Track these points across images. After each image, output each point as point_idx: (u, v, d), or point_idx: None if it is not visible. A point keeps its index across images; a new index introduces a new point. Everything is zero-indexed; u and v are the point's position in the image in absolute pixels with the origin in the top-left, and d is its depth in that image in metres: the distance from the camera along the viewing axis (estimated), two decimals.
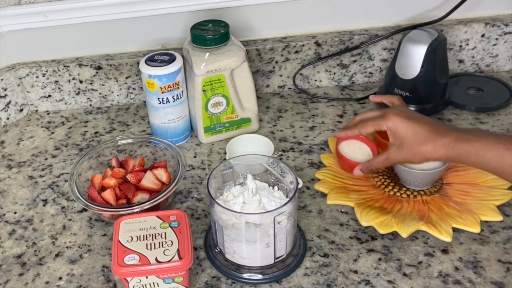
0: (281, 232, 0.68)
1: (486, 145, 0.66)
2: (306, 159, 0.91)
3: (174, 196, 0.85)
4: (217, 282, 0.71)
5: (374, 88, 1.08)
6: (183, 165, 0.81)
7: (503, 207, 0.78)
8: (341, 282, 0.70)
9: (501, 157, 0.65)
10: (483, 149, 0.66)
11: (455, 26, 1.05)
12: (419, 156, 0.71)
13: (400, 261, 0.72)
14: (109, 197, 0.79)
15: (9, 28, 1.01)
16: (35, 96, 1.07)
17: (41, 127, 1.04)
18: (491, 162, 0.66)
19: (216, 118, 0.94)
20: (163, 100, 0.91)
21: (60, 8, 0.99)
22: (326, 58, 1.06)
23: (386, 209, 0.78)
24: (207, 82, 0.90)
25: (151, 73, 0.89)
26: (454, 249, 0.73)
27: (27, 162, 0.95)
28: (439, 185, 0.82)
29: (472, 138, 0.67)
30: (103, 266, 0.75)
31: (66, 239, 0.79)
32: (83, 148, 0.98)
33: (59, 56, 1.06)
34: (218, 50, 0.89)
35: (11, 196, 0.88)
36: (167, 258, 0.63)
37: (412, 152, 0.71)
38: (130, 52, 1.06)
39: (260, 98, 1.07)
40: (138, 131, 1.02)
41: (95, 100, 1.08)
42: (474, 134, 0.68)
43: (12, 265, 0.76)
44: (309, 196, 0.83)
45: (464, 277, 0.69)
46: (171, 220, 0.68)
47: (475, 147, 0.66)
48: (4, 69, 1.04)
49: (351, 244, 0.75)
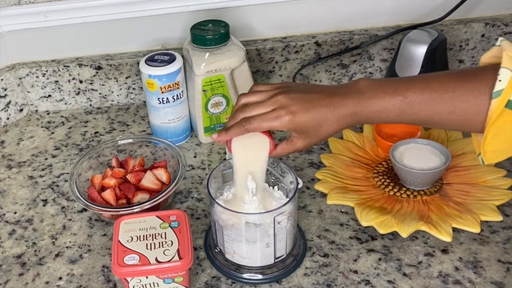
0: (281, 232, 0.68)
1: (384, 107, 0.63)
2: (306, 159, 0.91)
3: (174, 196, 0.85)
4: (217, 282, 0.71)
5: None
6: (183, 165, 0.81)
7: (503, 207, 0.78)
8: (341, 282, 0.70)
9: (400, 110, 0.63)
10: (383, 108, 0.63)
11: (455, 26, 1.05)
12: (322, 136, 0.66)
13: (400, 261, 0.72)
14: (109, 197, 0.79)
15: (9, 28, 1.01)
16: (35, 96, 1.07)
17: (41, 127, 1.04)
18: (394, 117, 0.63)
19: (216, 118, 0.94)
20: (163, 100, 0.91)
21: (60, 8, 0.99)
22: (326, 58, 1.06)
23: (386, 209, 0.78)
24: (207, 82, 0.90)
25: (151, 73, 0.89)
26: (454, 249, 0.73)
27: (27, 162, 0.95)
28: (439, 185, 0.82)
29: (370, 100, 0.63)
30: (103, 266, 0.75)
31: (66, 239, 0.79)
32: (83, 148, 0.98)
33: (59, 56, 1.06)
34: (218, 50, 0.89)
35: (11, 196, 0.88)
36: (167, 258, 0.63)
37: (315, 136, 0.66)
38: (130, 52, 1.06)
39: None
40: (138, 131, 1.02)
41: (95, 100, 1.08)
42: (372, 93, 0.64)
43: (12, 265, 0.76)
44: (309, 196, 0.83)
45: (464, 277, 0.69)
46: (171, 220, 0.68)
47: (372, 109, 0.63)
48: (4, 69, 1.04)
49: (351, 244, 0.75)
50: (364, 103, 0.64)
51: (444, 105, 0.62)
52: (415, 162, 0.80)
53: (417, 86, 0.63)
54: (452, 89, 0.62)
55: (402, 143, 0.83)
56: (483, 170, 0.83)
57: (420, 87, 0.63)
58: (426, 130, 0.93)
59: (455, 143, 0.90)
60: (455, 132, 0.92)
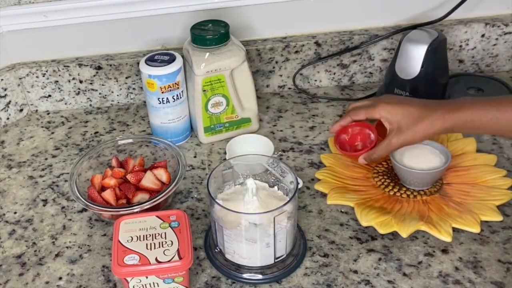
0: (281, 232, 0.68)
1: (479, 111, 0.70)
2: (306, 159, 0.91)
3: (174, 196, 0.85)
4: (217, 282, 0.71)
5: (374, 88, 1.08)
6: (183, 165, 0.81)
7: (503, 207, 0.78)
8: (341, 282, 0.70)
9: (496, 119, 0.69)
10: (478, 115, 0.70)
11: (455, 26, 1.05)
12: (418, 134, 0.73)
13: (400, 261, 0.72)
14: (109, 197, 0.79)
15: (9, 28, 1.01)
16: (35, 96, 1.07)
17: (41, 127, 1.04)
18: (488, 125, 0.70)
19: (216, 118, 0.94)
20: (163, 100, 0.91)
21: (60, 8, 0.99)
22: (326, 58, 1.06)
23: (386, 209, 0.78)
24: (207, 82, 0.90)
25: (151, 73, 0.89)
26: (454, 249, 0.73)
27: (27, 162, 0.95)
28: (439, 185, 0.82)
29: (464, 106, 0.71)
30: (103, 266, 0.75)
31: (66, 239, 0.79)
32: (83, 148, 0.98)
33: (59, 56, 1.06)
34: (218, 50, 0.89)
35: (11, 196, 0.88)
36: (167, 258, 0.63)
37: (411, 133, 0.74)
38: (130, 52, 1.06)
39: (260, 98, 1.07)
40: (138, 131, 1.02)
41: (95, 100, 1.08)
42: (463, 102, 0.72)
43: (12, 265, 0.76)
44: (309, 196, 0.83)
45: (464, 277, 0.69)
46: (171, 220, 0.68)
47: (469, 114, 0.70)
48: (4, 69, 1.04)
49: (351, 244, 0.75)
50: (458, 108, 0.71)
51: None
52: (415, 162, 0.80)
53: (501, 98, 0.72)
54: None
55: None
56: (483, 170, 0.83)
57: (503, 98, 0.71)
58: None
59: (455, 143, 0.90)
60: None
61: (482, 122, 0.70)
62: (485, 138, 0.92)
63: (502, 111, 0.69)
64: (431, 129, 0.73)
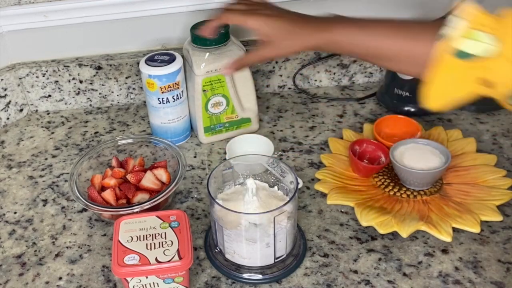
0: (281, 232, 0.68)
1: (348, 33, 0.69)
2: (306, 159, 0.91)
3: (174, 196, 0.85)
4: (217, 282, 0.71)
5: (374, 88, 1.08)
6: (183, 165, 0.81)
7: (503, 207, 0.78)
8: (341, 282, 0.70)
9: (362, 43, 0.68)
10: (347, 38, 0.69)
11: None
12: (284, 49, 0.73)
13: (400, 261, 0.72)
14: (109, 197, 0.79)
15: (9, 28, 1.01)
16: (35, 96, 1.07)
17: (41, 127, 1.04)
18: (353, 50, 0.69)
19: (216, 118, 0.94)
20: (163, 100, 0.91)
21: (60, 8, 0.99)
22: (326, 58, 1.06)
23: (386, 209, 0.78)
24: (207, 82, 0.90)
25: (151, 73, 0.89)
26: (454, 249, 0.73)
27: (27, 162, 0.95)
28: (439, 185, 0.82)
29: (335, 27, 0.70)
30: (103, 266, 0.75)
31: (66, 239, 0.79)
32: (83, 148, 0.98)
33: (59, 56, 1.06)
34: (218, 50, 0.89)
35: (11, 196, 0.88)
36: (167, 258, 0.63)
37: (278, 47, 0.73)
38: (130, 52, 1.06)
39: (260, 98, 1.07)
40: (138, 131, 1.02)
41: (95, 100, 1.08)
42: (336, 22, 0.71)
43: (12, 265, 0.76)
44: (309, 196, 0.83)
45: (464, 277, 0.69)
46: (171, 220, 0.68)
47: (338, 35, 0.69)
48: (4, 69, 1.04)
49: (351, 244, 0.75)
50: (328, 28, 0.70)
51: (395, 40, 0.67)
52: (415, 162, 0.80)
53: (373, 21, 0.70)
54: (407, 27, 0.68)
55: (402, 143, 0.83)
56: (483, 170, 0.83)
57: (376, 22, 0.70)
58: (426, 130, 0.93)
59: (455, 143, 0.90)
60: (455, 132, 0.92)
61: (349, 46, 0.68)
62: (485, 138, 0.92)
63: (370, 35, 0.67)
64: (296, 45, 0.71)
